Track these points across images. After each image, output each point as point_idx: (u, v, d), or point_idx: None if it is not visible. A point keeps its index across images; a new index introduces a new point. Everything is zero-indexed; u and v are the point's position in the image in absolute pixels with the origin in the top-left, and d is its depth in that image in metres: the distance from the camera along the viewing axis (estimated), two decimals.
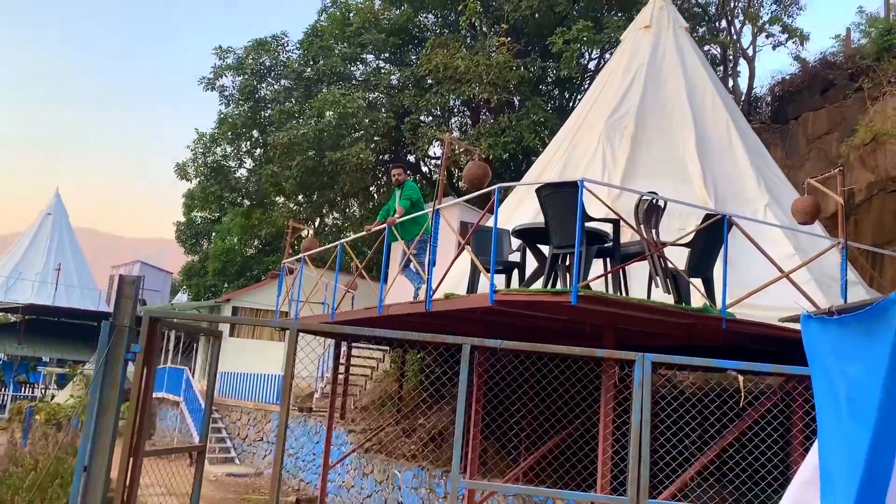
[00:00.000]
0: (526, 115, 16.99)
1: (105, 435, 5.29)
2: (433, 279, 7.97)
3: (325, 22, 21.09)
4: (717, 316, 7.00)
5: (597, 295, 6.36)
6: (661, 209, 7.24)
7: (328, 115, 17.39)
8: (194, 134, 21.30)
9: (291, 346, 5.34)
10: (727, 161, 10.44)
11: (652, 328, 7.76)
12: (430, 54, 17.36)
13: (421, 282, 9.32)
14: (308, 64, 19.32)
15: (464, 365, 5.27)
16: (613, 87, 11.51)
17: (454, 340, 5.34)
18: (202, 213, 29.47)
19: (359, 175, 16.93)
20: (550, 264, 6.90)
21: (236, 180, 21.25)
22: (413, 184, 9.53)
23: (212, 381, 6.20)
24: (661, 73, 11.47)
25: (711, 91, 11.36)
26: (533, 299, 6.66)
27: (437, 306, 7.80)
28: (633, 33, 12.30)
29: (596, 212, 7.07)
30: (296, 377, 18.29)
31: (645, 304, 6.55)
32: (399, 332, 5.39)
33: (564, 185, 6.69)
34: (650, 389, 5.27)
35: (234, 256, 28.84)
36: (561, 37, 16.08)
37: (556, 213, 6.75)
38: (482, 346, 5.39)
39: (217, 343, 6.16)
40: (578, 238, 6.39)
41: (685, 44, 11.98)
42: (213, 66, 19.56)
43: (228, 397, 20.10)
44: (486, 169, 8.88)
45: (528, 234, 7.66)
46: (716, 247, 7.36)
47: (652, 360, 5.26)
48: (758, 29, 17.71)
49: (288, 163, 17.25)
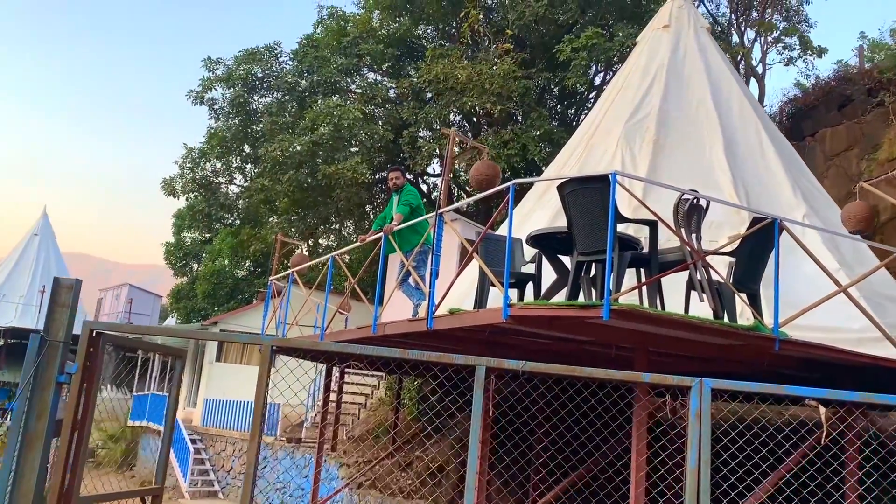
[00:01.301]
0: (530, 128, 16.07)
1: (28, 477, 4.21)
2: (436, 293, 6.96)
3: (322, 33, 20.26)
4: (769, 336, 5.98)
5: (634, 309, 5.34)
6: (703, 210, 6.25)
7: (321, 129, 16.44)
8: (183, 149, 20.33)
9: (264, 367, 4.30)
10: (759, 168, 9.49)
11: (688, 350, 6.75)
12: (430, 64, 16.49)
13: (421, 297, 8.30)
14: (302, 76, 18.41)
15: (477, 391, 4.23)
16: (631, 89, 10.59)
17: (466, 362, 4.31)
18: (192, 233, 28.47)
19: (354, 190, 15.93)
20: (574, 274, 5.88)
21: (226, 197, 20.24)
22: (413, 188, 8.54)
23: (172, 410, 5.14)
24: (683, 74, 10.57)
25: (738, 93, 10.45)
26: (556, 314, 5.63)
27: (441, 324, 6.77)
28: (650, 33, 11.43)
29: (626, 213, 6.10)
30: (284, 405, 17.25)
31: (692, 321, 5.53)
32: (397, 351, 4.36)
33: (593, 180, 5.69)
34: (710, 423, 4.23)
35: (225, 279, 27.77)
36: (569, 44, 15.22)
37: (583, 213, 5.75)
38: (499, 369, 4.35)
39: (179, 363, 5.13)
40: (610, 242, 5.38)
41: (707, 44, 11.10)
42: (201, 79, 18.67)
43: (213, 426, 18.94)
44: (496, 168, 7.92)
45: (546, 242, 6.66)
46: (763, 256, 6.37)
47: (712, 386, 4.24)
48: (773, 40, 16.90)
49: (279, 177, 16.27)
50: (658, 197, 6.97)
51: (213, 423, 19.11)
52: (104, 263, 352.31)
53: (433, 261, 6.94)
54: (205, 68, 18.55)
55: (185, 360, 5.13)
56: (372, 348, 4.33)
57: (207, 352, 22.39)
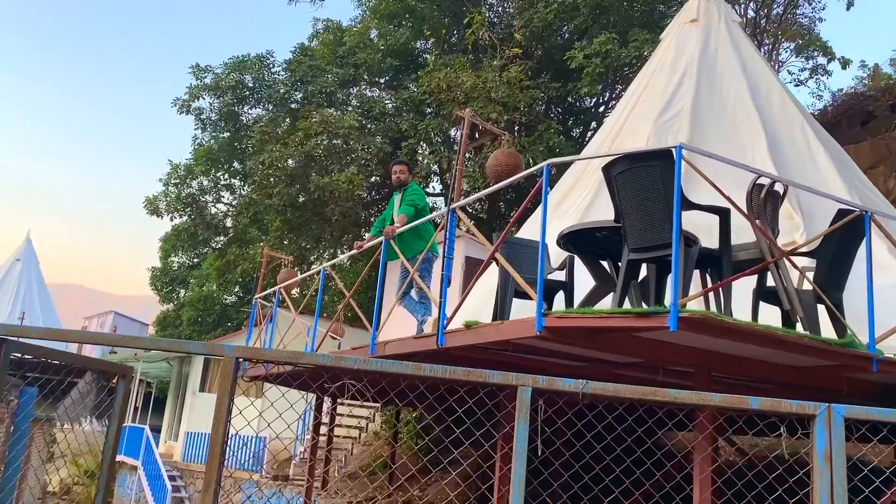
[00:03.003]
0: (539, 140, 15.01)
1: None
2: (447, 305, 5.79)
3: (317, 44, 19.30)
4: (866, 354, 4.82)
5: (711, 317, 4.17)
6: (779, 197, 5.11)
7: (313, 141, 15.33)
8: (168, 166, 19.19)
9: (226, 382, 3.11)
10: (808, 169, 8.38)
11: (757, 374, 5.55)
12: (431, 73, 15.47)
13: (426, 312, 7.12)
14: (295, 86, 17.36)
15: (521, 421, 3.04)
16: (659, 86, 9.53)
17: (505, 381, 3.13)
18: (178, 257, 27.23)
19: (349, 205, 14.78)
20: (626, 276, 4.71)
21: (212, 216, 19.05)
22: (418, 187, 7.38)
23: (112, 439, 3.90)
24: (716, 70, 9.51)
25: (779, 90, 9.41)
26: (604, 324, 4.45)
27: (455, 340, 5.59)
28: (676, 28, 10.39)
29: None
30: (272, 439, 15.91)
31: (788, 335, 4.35)
32: (409, 366, 3.15)
33: (651, 157, 4.56)
34: (845, 469, 3.05)
35: (212, 305, 26.49)
36: (581, 51, 14.23)
37: (637, 199, 4.60)
38: (551, 391, 3.16)
39: (123, 384, 3.94)
40: (676, 233, 4.23)
41: (741, 39, 10.08)
42: (188, 86, 17.57)
43: (194, 462, 17.53)
44: (518, 157, 6.82)
45: (582, 242, 5.50)
46: (849, 257, 5.24)
47: (844, 415, 3.07)
48: (796, 48, 15.97)
49: (269, 190, 15.11)
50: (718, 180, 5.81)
51: (195, 458, 17.72)
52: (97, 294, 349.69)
53: (444, 265, 5.76)
54: (192, 76, 17.51)
55: (130, 380, 3.91)
56: (376, 361, 3.14)
57: (190, 381, 21.05)
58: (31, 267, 36.89)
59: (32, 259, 37.64)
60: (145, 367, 23.26)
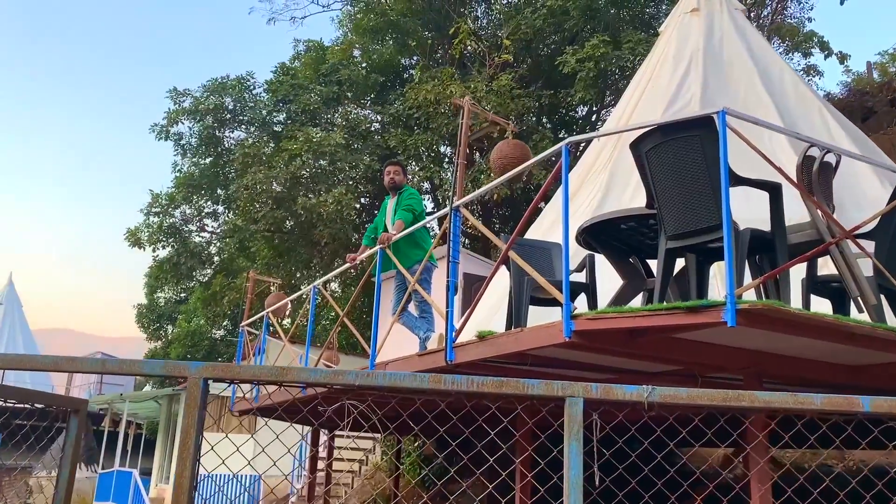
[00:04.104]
0: (533, 150, 14.41)
1: None
2: (454, 317, 5.10)
3: (299, 65, 18.73)
4: None
5: (777, 308, 3.49)
6: (831, 170, 4.48)
7: (298, 161, 14.68)
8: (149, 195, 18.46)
9: (192, 413, 2.42)
10: None
11: (810, 375, 4.87)
12: (418, 86, 14.91)
13: (429, 328, 6.42)
14: (277, 107, 16.74)
15: (572, 443, 2.35)
16: (663, 78, 8.98)
17: (548, 391, 2.42)
18: (164, 293, 26.41)
19: (339, 226, 14.09)
20: (665, 268, 4.05)
21: (195, 244, 18.29)
22: (415, 191, 6.71)
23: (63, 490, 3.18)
24: (723, 58, 8.97)
25: (792, 75, 8.87)
26: (648, 324, 3.77)
27: (466, 355, 4.90)
28: (676, 20, 9.86)
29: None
30: (267, 476, 15.05)
31: (855, 326, 3.68)
32: (426, 378, 2.45)
33: (690, 126, 3.92)
34: None
35: (201, 340, 25.62)
36: (573, 55, 13.69)
37: (673, 177, 3.96)
38: (608, 403, 2.46)
39: (75, 421, 3.25)
40: (727, 213, 3.59)
41: (745, 26, 9.57)
42: (167, 111, 16.90)
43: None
44: (526, 149, 6.20)
45: (604, 235, 4.85)
46: None
47: None
48: (794, 45, 15.52)
49: (254, 215, 14.43)
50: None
51: None
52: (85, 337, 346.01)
53: (450, 269, 5.08)
54: (170, 100, 16.86)
55: (83, 417, 3.19)
56: (385, 374, 2.45)
57: (180, 420, 20.13)
58: (13, 310, 35.91)
59: (15, 302, 36.66)
60: (133, 407, 22.35)
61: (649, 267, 5.05)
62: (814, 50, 15.88)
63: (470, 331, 5.33)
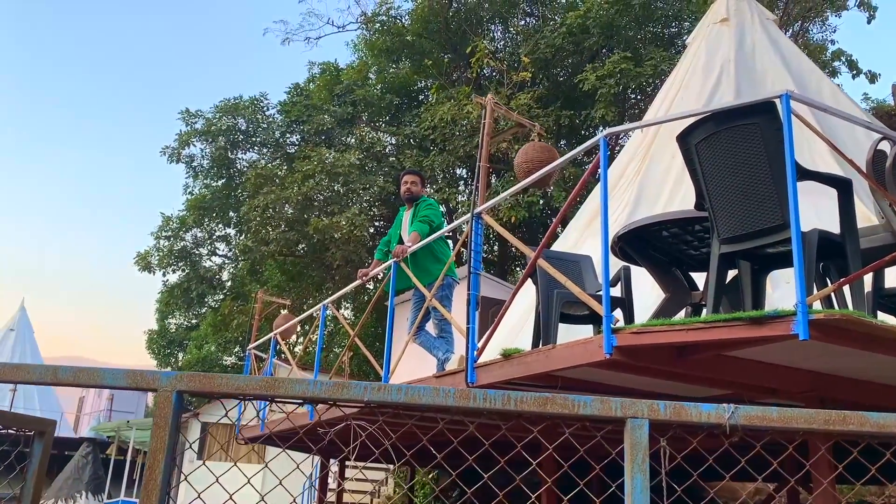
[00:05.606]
0: None
1: None
2: (475, 335, 4.61)
3: (313, 87, 18.48)
4: None
5: (859, 320, 2.99)
6: None
7: (311, 181, 14.32)
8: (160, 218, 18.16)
9: (162, 434, 1.94)
10: None
11: (874, 400, 4.32)
12: (434, 106, 14.57)
13: (449, 349, 5.93)
14: (291, 128, 16.45)
15: (638, 475, 1.84)
16: (694, 88, 8.56)
17: (603, 411, 1.92)
18: (175, 319, 26.03)
19: (352, 248, 13.68)
20: (718, 275, 3.56)
21: (206, 269, 17.92)
22: (433, 201, 6.27)
23: None
24: (756, 69, 8.55)
25: (830, 86, 8.42)
26: (702, 338, 3.27)
27: (490, 376, 4.41)
28: (705, 30, 9.48)
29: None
30: None
31: None
32: (451, 393, 1.95)
33: (748, 113, 3.46)
34: None
35: (211, 367, 25.13)
36: (592, 73, 13.31)
37: (729, 171, 3.49)
38: (676, 425, 1.96)
39: (39, 445, 2.79)
40: (795, 211, 3.11)
41: (778, 36, 9.15)
42: (178, 133, 16.65)
43: None
44: (553, 152, 5.73)
45: (642, 244, 4.37)
46: None
47: None
48: (821, 64, 15.06)
49: (265, 236, 14.05)
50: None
51: None
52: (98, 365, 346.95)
53: (471, 281, 4.60)
54: (182, 121, 16.61)
55: (49, 440, 2.70)
56: (400, 387, 1.97)
57: (187, 449, 19.59)
58: (25, 336, 35.66)
59: (27, 328, 36.43)
60: (140, 435, 21.83)
61: (692, 279, 4.56)
62: (841, 69, 15.45)
63: (491, 352, 4.85)
